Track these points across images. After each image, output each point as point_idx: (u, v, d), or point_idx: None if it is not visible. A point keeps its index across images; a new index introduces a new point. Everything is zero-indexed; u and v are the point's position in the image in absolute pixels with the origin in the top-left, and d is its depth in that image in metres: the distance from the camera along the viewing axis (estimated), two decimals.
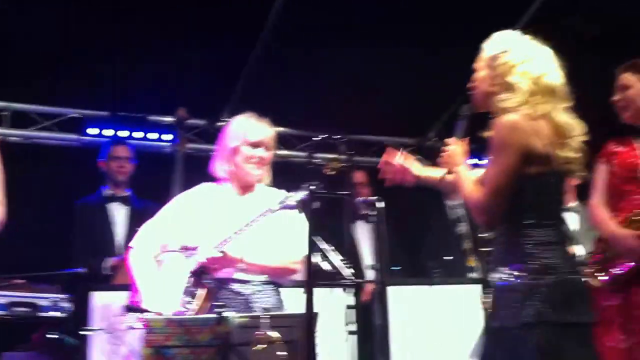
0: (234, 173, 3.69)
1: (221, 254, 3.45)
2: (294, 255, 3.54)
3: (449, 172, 2.95)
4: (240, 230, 3.44)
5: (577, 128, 2.76)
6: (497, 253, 2.81)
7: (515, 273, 2.68)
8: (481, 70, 2.90)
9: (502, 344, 2.70)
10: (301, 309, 2.92)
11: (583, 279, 2.74)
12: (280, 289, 3.64)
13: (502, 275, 2.72)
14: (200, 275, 3.48)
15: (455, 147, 2.95)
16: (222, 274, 3.53)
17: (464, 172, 2.90)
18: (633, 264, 3.48)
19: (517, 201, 2.70)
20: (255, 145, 3.68)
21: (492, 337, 2.81)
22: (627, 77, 3.67)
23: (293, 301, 3.38)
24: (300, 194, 3.38)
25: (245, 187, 3.72)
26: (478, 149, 3.02)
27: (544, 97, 2.74)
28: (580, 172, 2.80)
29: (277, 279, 3.64)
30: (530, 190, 2.70)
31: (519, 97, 2.74)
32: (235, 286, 3.55)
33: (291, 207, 3.40)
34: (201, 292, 3.44)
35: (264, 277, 3.59)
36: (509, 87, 2.77)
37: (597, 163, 3.75)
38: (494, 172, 2.73)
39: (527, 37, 2.87)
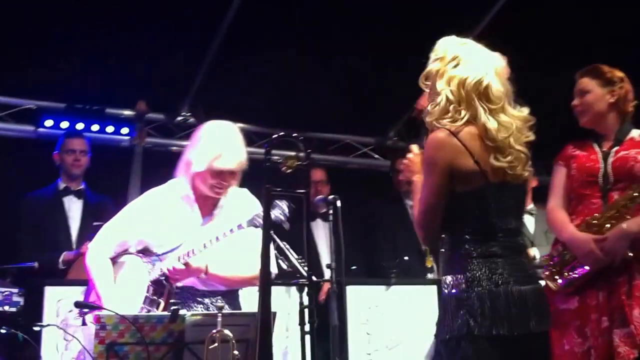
0: (196, 189, 3.53)
1: (184, 266, 3.38)
2: (257, 268, 3.48)
3: (408, 180, 2.94)
4: (205, 245, 3.38)
5: (513, 129, 2.69)
6: (442, 262, 2.83)
7: (452, 284, 2.69)
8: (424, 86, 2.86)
9: (439, 355, 2.72)
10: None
11: (522, 289, 2.66)
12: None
13: (444, 285, 2.74)
14: (161, 284, 3.42)
15: (417, 156, 2.93)
16: (183, 284, 3.47)
17: (418, 184, 2.87)
18: (588, 268, 3.49)
19: (451, 216, 2.70)
20: (221, 174, 3.47)
21: (435, 346, 2.84)
22: (586, 82, 3.69)
23: (254, 299, 3.35)
24: (274, 214, 3.32)
25: (211, 197, 3.61)
26: None
27: (472, 101, 2.68)
28: (524, 174, 2.74)
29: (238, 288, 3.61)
30: (462, 206, 2.69)
31: (442, 106, 2.69)
32: (197, 294, 3.50)
33: (259, 226, 3.34)
34: (162, 302, 3.39)
35: (224, 287, 3.54)
36: (435, 96, 2.73)
37: (555, 165, 3.77)
38: (424, 192, 2.74)
39: (469, 41, 2.81)
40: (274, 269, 3.49)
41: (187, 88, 6.13)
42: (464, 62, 2.73)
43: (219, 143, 3.47)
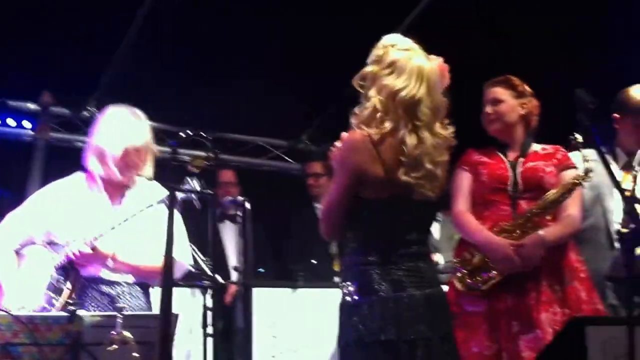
0: (105, 173, 3.52)
1: (91, 250, 3.29)
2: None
3: (331, 171, 2.88)
4: (114, 227, 3.30)
5: (430, 148, 2.69)
6: (342, 269, 2.86)
7: (347, 291, 2.71)
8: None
9: (339, 358, 2.74)
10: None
11: (415, 294, 2.69)
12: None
13: (342, 291, 2.76)
14: (66, 270, 3.35)
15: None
16: (89, 272, 3.38)
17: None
18: (497, 272, 3.54)
19: (354, 220, 2.72)
20: (126, 153, 3.47)
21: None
22: (500, 92, 3.74)
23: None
24: (180, 195, 3.27)
25: (118, 187, 3.55)
26: None
27: (398, 114, 2.67)
28: (430, 194, 2.73)
29: (147, 280, 3.52)
30: (365, 213, 2.70)
31: (368, 113, 2.69)
32: (102, 286, 3.41)
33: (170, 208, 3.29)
34: (66, 289, 3.29)
35: (132, 278, 3.46)
36: (365, 100, 2.74)
37: (458, 170, 3.80)
38: (331, 188, 2.76)
39: (408, 42, 2.80)
40: (189, 260, 3.45)
41: (95, 83, 5.97)
42: (399, 70, 2.72)
43: (125, 123, 3.50)
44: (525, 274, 3.52)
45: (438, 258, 5.13)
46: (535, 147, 3.77)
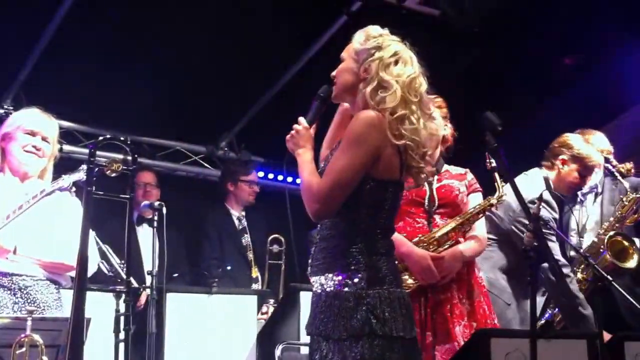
0: (8, 162, 3.51)
1: None
2: (71, 250, 3.39)
3: (290, 153, 2.83)
4: (10, 216, 3.25)
5: (431, 142, 2.80)
6: (322, 257, 2.73)
7: (343, 281, 2.65)
8: (347, 61, 2.83)
9: (327, 353, 2.65)
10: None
11: (405, 292, 2.77)
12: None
13: (327, 281, 2.69)
14: None
15: (303, 129, 2.83)
16: None
17: (306, 156, 2.78)
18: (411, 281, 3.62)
19: (353, 205, 2.68)
20: (32, 133, 3.53)
21: (314, 344, 2.74)
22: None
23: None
24: (76, 176, 3.27)
25: (22, 178, 3.53)
26: None
27: (410, 103, 2.70)
28: (420, 186, 2.90)
29: (53, 275, 3.48)
30: (368, 197, 2.68)
31: (395, 98, 2.68)
32: (4, 280, 3.34)
33: (65, 189, 3.28)
34: None
35: (38, 272, 3.41)
36: (384, 86, 2.70)
37: None
38: (342, 163, 2.66)
39: (395, 37, 2.84)
40: (95, 259, 3.43)
41: (11, 82, 5.83)
42: (403, 60, 2.76)
43: (27, 111, 3.65)
44: (439, 288, 3.61)
45: None
46: (447, 166, 3.88)
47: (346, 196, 2.66)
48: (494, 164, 3.67)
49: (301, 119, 2.86)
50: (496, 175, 3.71)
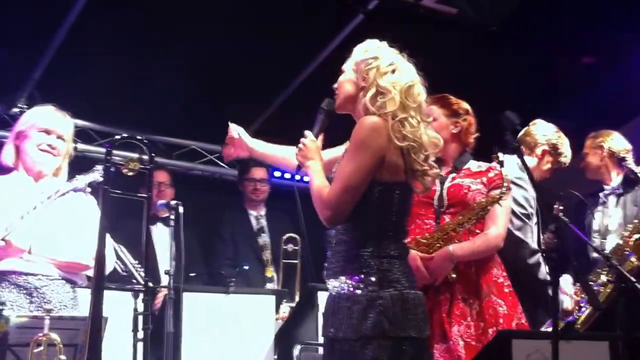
0: (23, 161, 3.49)
1: (2, 243, 3.23)
2: (86, 249, 3.38)
3: (300, 166, 2.96)
4: (24, 216, 3.25)
5: (433, 147, 2.86)
6: (336, 261, 2.81)
7: (355, 283, 2.71)
8: (347, 73, 2.94)
9: (339, 354, 2.73)
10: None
11: (420, 293, 2.80)
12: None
13: (341, 284, 2.75)
14: None
15: (310, 142, 2.95)
16: (5, 265, 3.30)
17: (315, 167, 2.88)
18: None
19: (363, 210, 2.74)
20: (46, 132, 3.51)
21: (327, 346, 2.83)
22: (433, 110, 3.80)
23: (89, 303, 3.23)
24: (90, 176, 3.26)
25: (36, 177, 3.52)
26: None
27: (409, 108, 2.79)
28: (428, 190, 2.91)
29: (69, 274, 3.47)
30: (376, 200, 2.75)
31: (394, 103, 2.77)
32: (20, 279, 3.34)
33: (79, 190, 3.27)
34: None
35: (53, 272, 3.40)
36: (382, 92, 2.79)
37: None
38: (349, 169, 2.74)
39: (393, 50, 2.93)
40: (112, 258, 3.43)
41: (26, 79, 5.83)
42: (399, 69, 2.85)
43: (41, 109, 3.63)
44: (438, 288, 3.60)
45: None
46: (471, 164, 3.84)
47: (355, 201, 2.74)
48: (501, 159, 3.65)
49: (308, 133, 2.98)
50: (503, 171, 3.68)
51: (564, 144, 4.74)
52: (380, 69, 2.82)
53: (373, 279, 2.70)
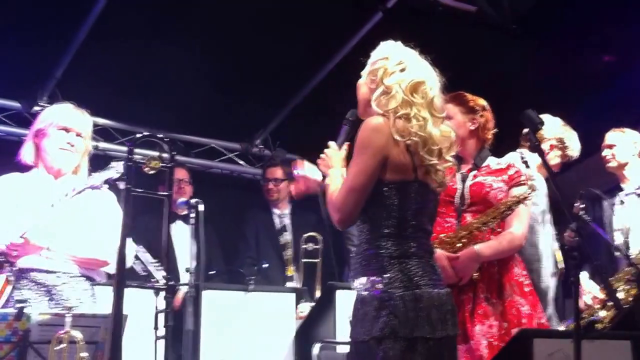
0: (42, 159, 3.50)
1: (22, 240, 3.25)
2: (105, 245, 3.40)
3: (323, 176, 2.98)
4: (42, 214, 3.27)
5: (445, 142, 2.83)
6: (357, 261, 2.82)
7: (372, 284, 2.72)
8: (363, 77, 2.94)
9: (353, 356, 2.76)
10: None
11: (440, 292, 2.77)
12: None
13: (361, 284, 2.76)
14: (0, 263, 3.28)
15: (333, 151, 2.98)
16: (25, 262, 3.32)
17: (333, 174, 2.91)
18: None
19: (377, 210, 2.75)
20: (65, 129, 3.52)
21: (350, 348, 2.86)
22: (450, 108, 3.76)
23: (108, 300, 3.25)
24: (106, 174, 3.27)
25: (56, 175, 3.54)
26: None
27: (415, 104, 2.78)
28: (445, 182, 2.89)
29: (88, 271, 3.48)
30: (387, 200, 2.74)
31: (396, 100, 2.77)
32: (39, 276, 3.36)
33: (96, 187, 3.29)
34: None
35: (72, 269, 3.42)
36: (386, 91, 2.80)
37: None
38: (352, 171, 2.76)
39: (409, 49, 2.92)
40: (131, 253, 3.44)
41: (48, 78, 5.87)
42: (409, 68, 2.83)
43: (60, 106, 3.63)
44: (462, 288, 3.58)
45: None
46: (490, 160, 3.81)
47: (362, 201, 2.75)
48: (525, 158, 3.65)
49: (331, 143, 3.00)
50: (525, 170, 3.67)
51: (571, 137, 4.70)
52: (388, 69, 2.83)
53: (388, 278, 2.70)
